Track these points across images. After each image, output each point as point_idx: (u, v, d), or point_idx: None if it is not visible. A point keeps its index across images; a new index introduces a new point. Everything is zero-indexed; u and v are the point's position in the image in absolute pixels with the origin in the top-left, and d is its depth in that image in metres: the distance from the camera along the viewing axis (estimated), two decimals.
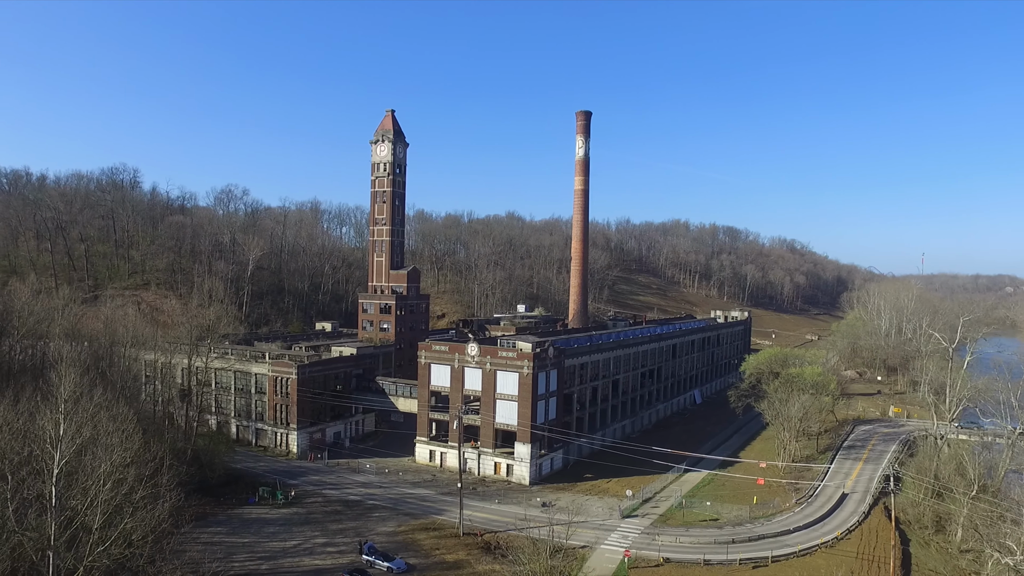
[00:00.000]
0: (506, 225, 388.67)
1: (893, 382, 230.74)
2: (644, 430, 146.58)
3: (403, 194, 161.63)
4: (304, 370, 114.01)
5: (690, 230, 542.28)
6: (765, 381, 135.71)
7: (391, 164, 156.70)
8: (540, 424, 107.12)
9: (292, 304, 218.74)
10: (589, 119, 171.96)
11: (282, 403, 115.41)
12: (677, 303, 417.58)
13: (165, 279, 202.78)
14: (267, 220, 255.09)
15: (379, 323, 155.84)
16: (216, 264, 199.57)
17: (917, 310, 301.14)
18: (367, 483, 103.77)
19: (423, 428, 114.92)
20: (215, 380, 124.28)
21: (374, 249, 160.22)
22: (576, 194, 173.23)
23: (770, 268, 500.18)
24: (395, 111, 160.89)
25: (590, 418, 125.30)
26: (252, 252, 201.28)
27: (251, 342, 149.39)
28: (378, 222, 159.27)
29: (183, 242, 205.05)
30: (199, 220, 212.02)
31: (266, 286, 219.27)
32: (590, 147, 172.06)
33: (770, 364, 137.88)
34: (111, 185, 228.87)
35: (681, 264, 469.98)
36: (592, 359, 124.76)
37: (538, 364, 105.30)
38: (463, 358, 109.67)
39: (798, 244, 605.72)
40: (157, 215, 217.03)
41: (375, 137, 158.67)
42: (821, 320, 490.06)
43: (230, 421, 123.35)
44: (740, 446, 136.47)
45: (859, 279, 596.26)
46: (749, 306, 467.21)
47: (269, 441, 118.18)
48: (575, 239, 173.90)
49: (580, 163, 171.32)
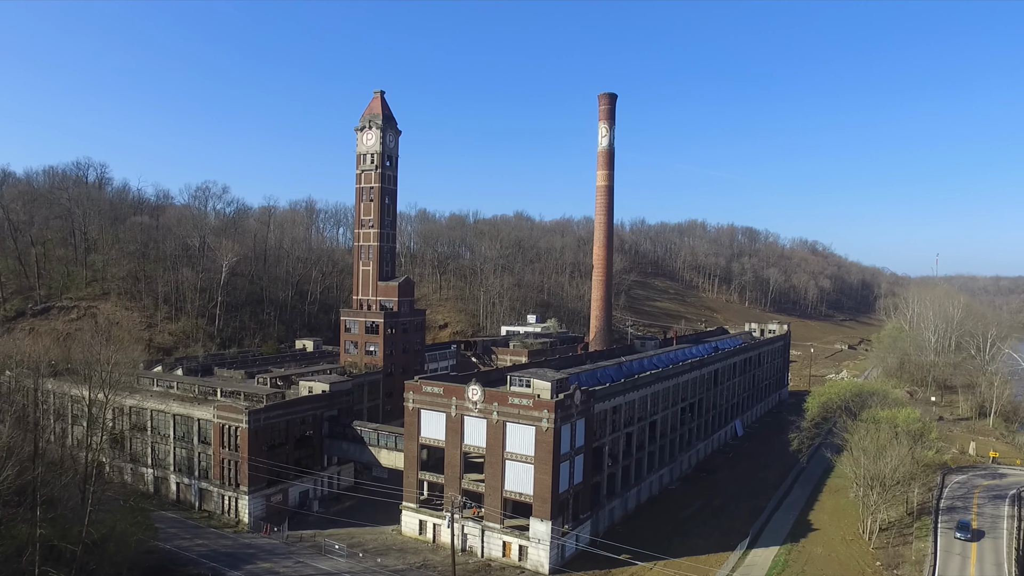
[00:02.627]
0: (514, 226, 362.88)
1: (951, 405, 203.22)
2: (684, 477, 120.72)
3: (394, 191, 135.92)
4: (258, 417, 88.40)
5: (707, 231, 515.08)
6: (838, 422, 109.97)
7: (379, 155, 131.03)
8: (563, 492, 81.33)
9: (273, 316, 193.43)
10: (614, 103, 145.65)
11: (230, 458, 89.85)
12: (697, 309, 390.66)
13: (127, 288, 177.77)
14: (250, 221, 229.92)
15: (364, 345, 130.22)
16: (183, 271, 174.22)
17: (963, 319, 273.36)
18: (335, 572, 78.07)
19: (411, 491, 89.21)
20: (151, 423, 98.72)
21: (359, 256, 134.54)
22: (598, 191, 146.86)
23: (793, 271, 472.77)
24: (384, 92, 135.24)
25: (623, 473, 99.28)
26: (225, 257, 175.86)
27: (211, 369, 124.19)
28: (364, 224, 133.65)
29: (147, 246, 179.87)
30: (168, 221, 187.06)
31: (244, 296, 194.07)
32: (615, 135, 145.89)
33: (843, 399, 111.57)
34: (71, 181, 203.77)
35: (700, 267, 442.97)
36: (627, 399, 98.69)
37: (561, 415, 79.47)
38: (462, 404, 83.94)
39: (820, 246, 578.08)
40: (122, 215, 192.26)
41: (361, 123, 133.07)
42: (848, 327, 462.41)
43: (169, 477, 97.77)
44: (806, 501, 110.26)
45: (884, 283, 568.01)
46: (772, 312, 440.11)
47: (215, 505, 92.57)
48: (597, 244, 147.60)
49: (603, 154, 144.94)
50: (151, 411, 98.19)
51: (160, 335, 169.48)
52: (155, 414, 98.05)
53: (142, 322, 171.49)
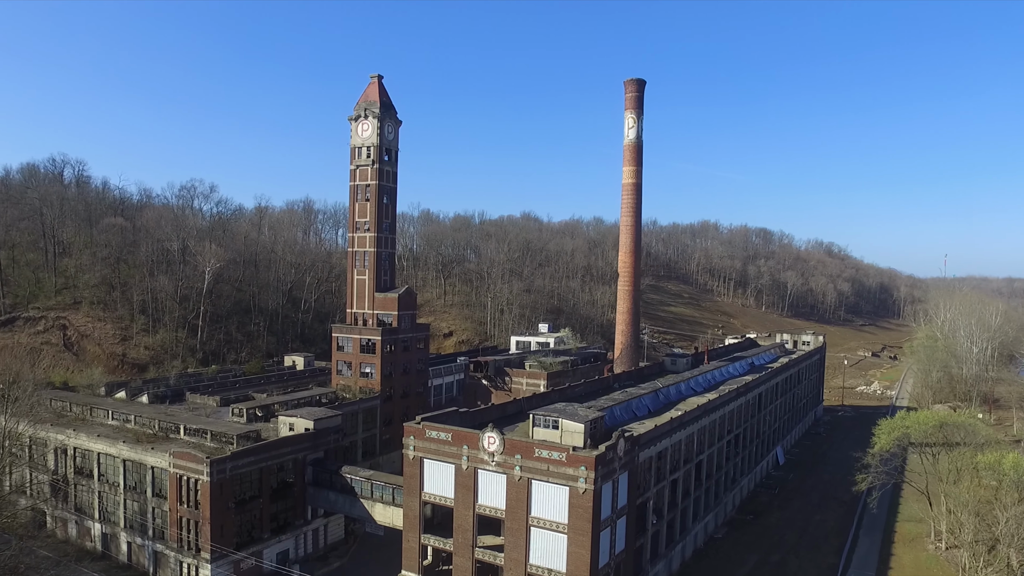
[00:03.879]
0: (522, 227, 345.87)
1: (1003, 423, 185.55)
2: (730, 521, 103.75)
3: (393, 189, 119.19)
4: (222, 467, 71.55)
5: (720, 232, 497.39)
6: (924, 460, 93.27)
7: (376, 148, 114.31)
8: (603, 567, 64.44)
9: (263, 327, 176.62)
10: (642, 90, 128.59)
11: (190, 516, 73.03)
12: (713, 315, 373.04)
13: (100, 297, 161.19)
14: (241, 222, 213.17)
15: (359, 365, 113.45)
16: (161, 279, 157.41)
17: (1002, 327, 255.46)
18: None
19: (412, 557, 72.33)
20: (97, 469, 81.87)
21: (354, 264, 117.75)
22: (625, 189, 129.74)
23: (810, 274, 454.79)
24: (382, 77, 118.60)
25: (668, 528, 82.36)
26: (208, 263, 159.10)
27: (182, 394, 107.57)
28: (359, 227, 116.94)
29: (122, 250, 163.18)
30: (146, 222, 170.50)
31: (230, 304, 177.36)
32: (643, 127, 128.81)
33: (922, 434, 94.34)
34: (46, 178, 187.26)
35: (714, 270, 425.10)
36: (673, 440, 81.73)
37: (602, 472, 62.56)
38: (476, 455, 67.06)
39: (835, 247, 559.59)
40: (96, 216, 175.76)
41: (356, 112, 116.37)
42: (868, 332, 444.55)
43: (119, 534, 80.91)
44: (879, 557, 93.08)
45: (903, 286, 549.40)
46: (790, 317, 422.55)
47: (172, 574, 75.69)
48: (623, 249, 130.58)
49: (630, 148, 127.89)
50: (98, 454, 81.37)
51: (135, 349, 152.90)
52: (103, 458, 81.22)
53: (116, 335, 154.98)
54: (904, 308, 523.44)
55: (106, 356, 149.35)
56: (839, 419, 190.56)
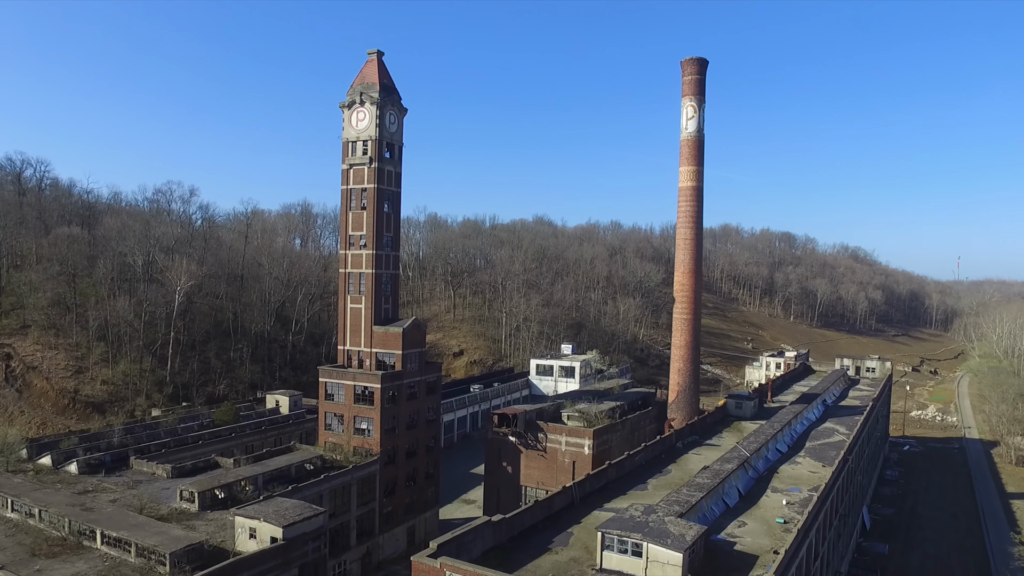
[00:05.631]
0: (536, 232, 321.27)
1: None
2: None
3: (397, 194, 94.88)
4: None
5: (742, 236, 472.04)
6: None
7: (375, 142, 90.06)
8: None
9: (247, 352, 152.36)
10: (704, 72, 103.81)
11: None
12: (740, 326, 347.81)
13: (53, 321, 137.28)
14: (225, 231, 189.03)
15: (353, 420, 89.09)
16: (122, 299, 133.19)
17: None
18: None
19: None
20: None
21: (346, 288, 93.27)
22: (682, 193, 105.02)
23: (839, 282, 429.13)
24: (383, 55, 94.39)
25: None
26: (180, 280, 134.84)
27: (126, 459, 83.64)
28: (353, 242, 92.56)
29: (77, 265, 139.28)
30: (106, 232, 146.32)
31: (209, 325, 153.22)
32: (705, 117, 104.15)
33: None
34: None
35: (739, 277, 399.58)
36: (798, 558, 56.98)
37: None
38: None
39: (861, 252, 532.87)
40: (52, 224, 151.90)
41: (349, 97, 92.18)
42: (902, 343, 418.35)
43: None
44: None
45: (934, 293, 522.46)
46: (820, 327, 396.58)
47: None
48: (681, 269, 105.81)
49: (689, 143, 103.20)
50: None
51: (90, 384, 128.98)
52: None
53: (69, 366, 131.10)
54: (936, 316, 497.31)
55: (55, 393, 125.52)
56: (909, 458, 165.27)
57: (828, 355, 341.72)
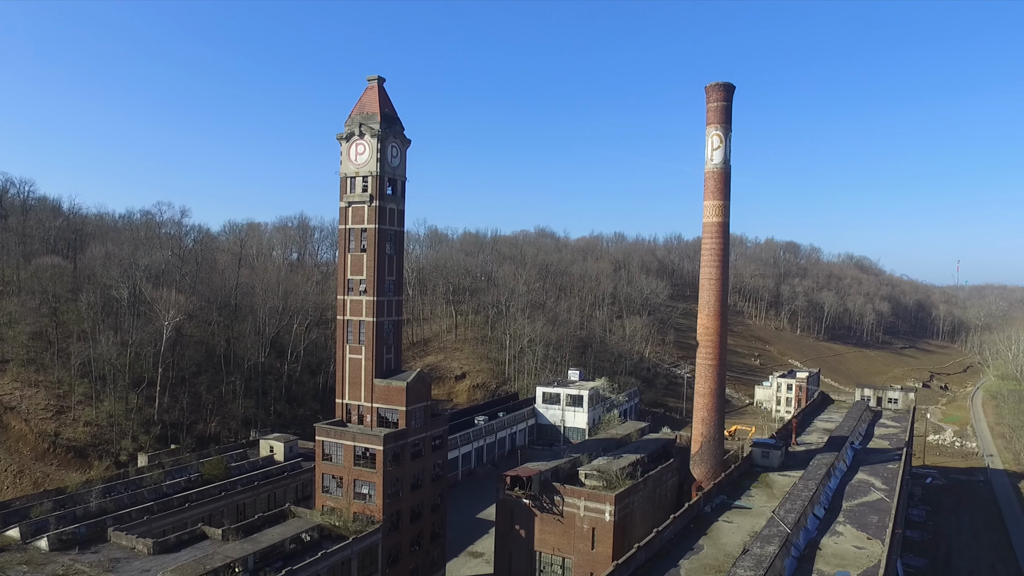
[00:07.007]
0: (539, 246, 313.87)
1: None
2: None
3: (400, 233, 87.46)
4: None
5: (746, 246, 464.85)
6: None
7: (376, 178, 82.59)
8: None
9: (239, 385, 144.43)
10: (731, 98, 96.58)
11: None
12: (747, 341, 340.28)
13: (32, 356, 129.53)
14: (218, 253, 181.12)
15: (353, 484, 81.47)
16: (106, 334, 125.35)
17: None
18: None
19: None
20: None
21: (345, 336, 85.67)
22: (706, 230, 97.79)
23: (846, 293, 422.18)
24: (384, 81, 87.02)
25: None
26: (168, 314, 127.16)
27: (103, 531, 75.83)
28: (352, 287, 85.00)
29: (59, 298, 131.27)
30: (89, 262, 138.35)
31: (200, 357, 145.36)
32: (731, 147, 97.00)
33: None
34: None
35: (744, 290, 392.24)
36: None
37: None
38: None
39: (867, 261, 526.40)
40: (32, 252, 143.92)
41: (347, 128, 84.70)
42: (910, 356, 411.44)
43: None
44: None
45: (941, 304, 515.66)
46: (826, 340, 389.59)
47: None
48: (705, 311, 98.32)
49: (715, 176, 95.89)
50: None
51: (72, 426, 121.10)
52: None
53: (49, 406, 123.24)
54: (943, 327, 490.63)
55: (34, 437, 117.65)
56: (933, 493, 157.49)
57: (838, 372, 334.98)
